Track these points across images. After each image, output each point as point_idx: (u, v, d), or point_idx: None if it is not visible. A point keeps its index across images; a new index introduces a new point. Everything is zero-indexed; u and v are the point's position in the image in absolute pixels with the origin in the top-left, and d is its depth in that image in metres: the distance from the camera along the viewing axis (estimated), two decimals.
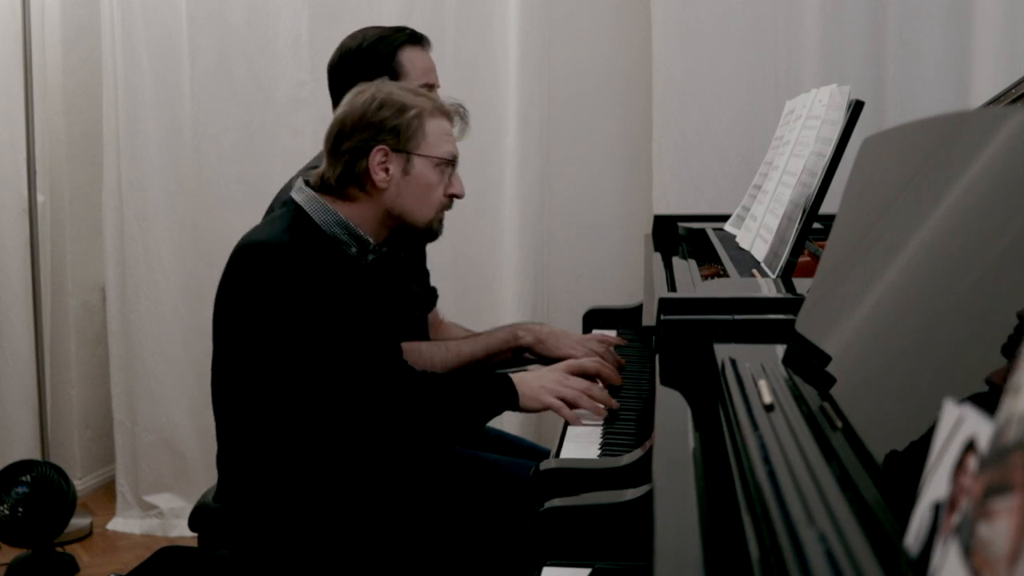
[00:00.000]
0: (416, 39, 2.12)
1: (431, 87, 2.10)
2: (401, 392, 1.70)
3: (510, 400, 1.74)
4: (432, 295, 2.27)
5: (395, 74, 2.06)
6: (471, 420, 1.75)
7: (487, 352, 2.02)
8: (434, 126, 1.74)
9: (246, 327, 1.66)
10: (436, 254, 3.06)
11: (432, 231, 1.79)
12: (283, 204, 1.76)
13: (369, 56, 2.08)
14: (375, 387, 1.68)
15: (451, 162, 1.77)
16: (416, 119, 1.71)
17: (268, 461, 1.70)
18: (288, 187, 2.01)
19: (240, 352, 1.69)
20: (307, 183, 1.75)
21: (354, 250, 1.72)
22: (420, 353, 1.97)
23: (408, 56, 2.09)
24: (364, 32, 2.13)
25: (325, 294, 1.63)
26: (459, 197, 1.81)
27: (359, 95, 1.74)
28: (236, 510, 1.74)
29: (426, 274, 2.27)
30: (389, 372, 1.72)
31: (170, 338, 3.25)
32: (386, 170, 1.71)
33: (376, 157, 1.70)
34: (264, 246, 1.67)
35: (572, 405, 1.75)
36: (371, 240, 1.74)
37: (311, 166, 2.09)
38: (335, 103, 2.12)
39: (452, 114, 1.79)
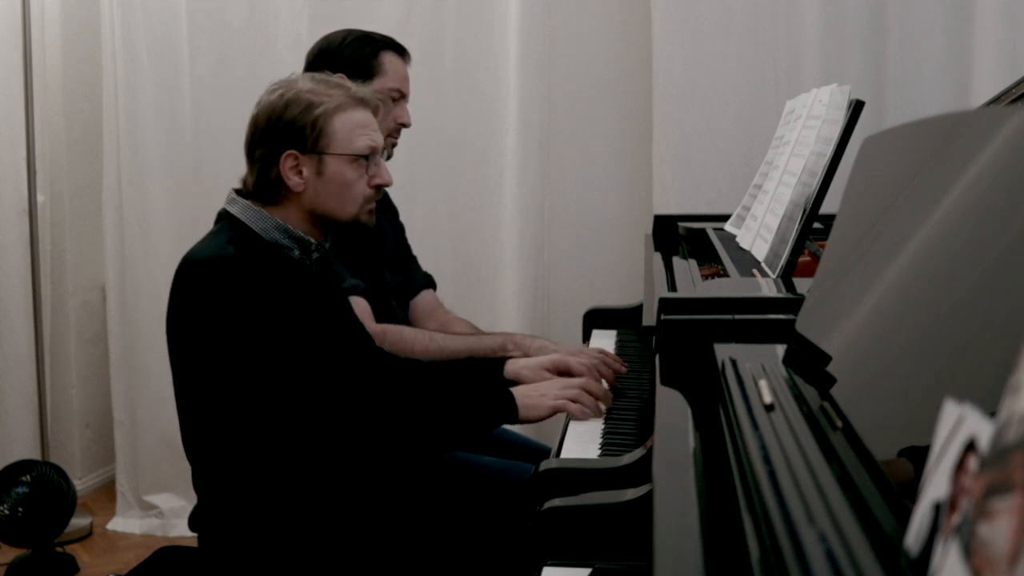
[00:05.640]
0: (399, 48, 2.17)
1: (404, 95, 2.15)
2: (383, 393, 1.68)
3: (509, 412, 1.71)
4: (417, 284, 2.26)
5: (373, 72, 2.11)
6: (465, 429, 1.71)
7: (471, 354, 1.98)
8: (343, 121, 1.67)
9: (207, 346, 1.60)
10: (436, 255, 3.08)
11: (360, 223, 1.73)
12: (218, 218, 1.72)
13: (353, 48, 2.12)
14: (359, 389, 1.64)
15: (367, 156, 1.70)
16: (322, 117, 1.65)
17: (253, 479, 1.65)
18: None
19: (207, 373, 1.63)
20: (238, 192, 1.72)
21: (297, 253, 1.69)
22: (402, 337, 1.96)
23: (389, 58, 2.14)
24: (348, 31, 2.18)
25: (280, 302, 1.59)
26: (387, 186, 1.74)
27: (271, 93, 1.69)
28: (224, 524, 1.70)
29: (406, 262, 2.26)
30: (364, 372, 1.68)
31: None
32: (299, 173, 1.66)
33: (287, 163, 1.65)
34: (210, 261, 1.61)
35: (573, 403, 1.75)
36: (311, 240, 1.70)
37: None
38: None
39: (369, 101, 1.72)
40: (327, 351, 1.64)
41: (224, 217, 1.71)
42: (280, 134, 1.66)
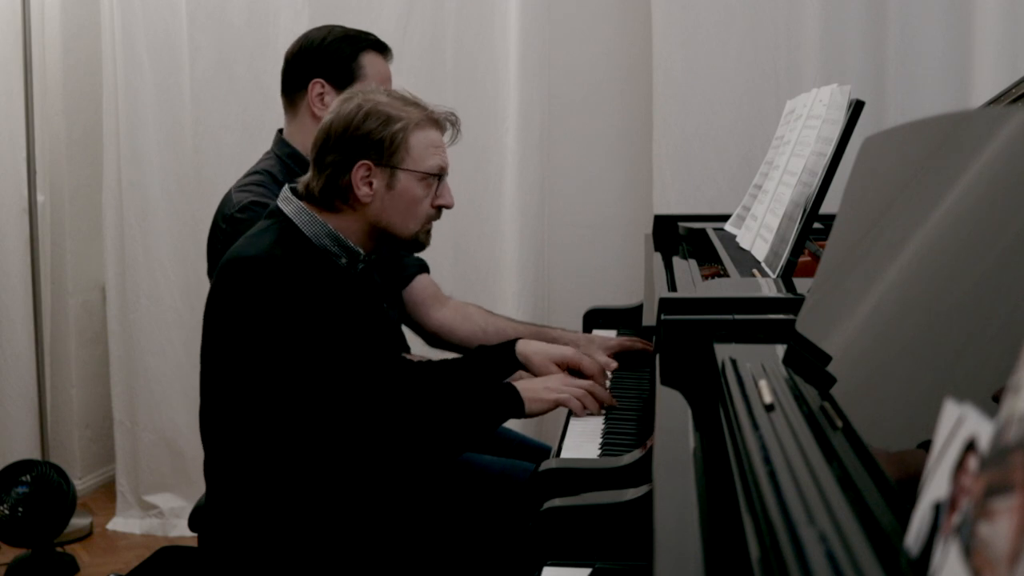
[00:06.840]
0: (380, 47, 2.14)
1: None
2: (402, 403, 1.69)
3: (515, 407, 1.73)
4: (409, 271, 2.23)
5: (353, 74, 2.08)
6: (475, 430, 1.73)
7: None
8: (420, 139, 1.69)
9: (242, 343, 1.62)
10: (436, 254, 3.07)
11: (418, 242, 1.75)
12: (268, 215, 1.72)
13: (332, 51, 2.09)
14: (377, 399, 1.66)
15: (438, 175, 1.73)
16: (401, 132, 1.67)
17: (263, 474, 1.66)
18: (229, 197, 2.01)
19: (235, 368, 1.64)
20: (293, 192, 1.72)
21: (344, 261, 1.70)
22: None
23: (370, 59, 2.11)
24: (331, 28, 2.15)
25: (320, 308, 1.61)
26: (448, 208, 1.77)
27: (346, 103, 1.70)
28: (227, 521, 1.71)
29: (394, 259, 2.26)
30: (390, 383, 1.70)
31: (170, 338, 3.25)
32: (369, 184, 1.67)
33: (359, 172, 1.66)
34: (255, 260, 1.62)
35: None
36: (361, 251, 1.71)
37: (252, 172, 2.09)
38: (285, 91, 2.14)
39: (443, 123, 1.75)
40: (356, 361, 1.65)
41: (275, 215, 1.71)
42: (357, 143, 1.66)
